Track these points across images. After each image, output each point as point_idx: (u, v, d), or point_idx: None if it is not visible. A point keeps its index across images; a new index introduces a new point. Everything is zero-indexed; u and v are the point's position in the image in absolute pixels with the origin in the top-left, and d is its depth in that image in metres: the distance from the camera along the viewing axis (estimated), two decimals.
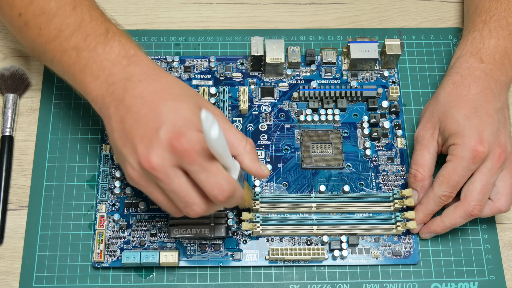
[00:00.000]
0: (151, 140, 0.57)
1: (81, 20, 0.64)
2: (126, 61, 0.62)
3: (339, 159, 0.75)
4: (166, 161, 0.57)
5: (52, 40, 0.64)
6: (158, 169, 0.57)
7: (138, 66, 0.62)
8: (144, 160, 0.57)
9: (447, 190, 0.68)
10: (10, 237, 0.72)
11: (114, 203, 0.73)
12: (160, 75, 0.61)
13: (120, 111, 0.59)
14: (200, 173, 0.56)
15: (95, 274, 0.70)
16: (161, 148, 0.56)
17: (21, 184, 0.74)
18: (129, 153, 0.58)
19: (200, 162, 0.56)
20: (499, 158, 0.67)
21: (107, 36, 0.63)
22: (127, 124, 0.58)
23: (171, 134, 0.56)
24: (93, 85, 0.62)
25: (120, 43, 0.63)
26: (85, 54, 0.63)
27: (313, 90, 0.77)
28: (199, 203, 0.59)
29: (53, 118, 0.77)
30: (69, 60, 0.63)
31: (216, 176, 0.57)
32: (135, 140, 0.58)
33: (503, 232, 0.74)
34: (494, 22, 0.73)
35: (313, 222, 0.71)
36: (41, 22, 0.65)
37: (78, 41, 0.63)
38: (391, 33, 0.84)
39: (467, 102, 0.69)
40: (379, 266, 0.71)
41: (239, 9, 0.85)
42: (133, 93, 0.59)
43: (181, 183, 0.58)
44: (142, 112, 0.58)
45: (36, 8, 0.65)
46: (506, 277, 0.71)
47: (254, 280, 0.70)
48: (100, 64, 0.62)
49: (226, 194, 0.57)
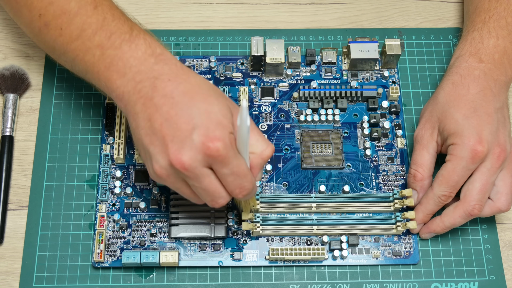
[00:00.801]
0: (183, 141, 0.58)
1: (103, 19, 0.64)
2: (153, 59, 0.62)
3: (339, 159, 0.75)
4: (197, 162, 0.58)
5: (75, 39, 0.64)
6: (190, 169, 0.58)
7: (166, 65, 0.62)
8: (176, 161, 0.58)
9: (446, 190, 0.68)
10: (10, 237, 0.72)
11: (114, 203, 0.73)
12: (189, 75, 0.62)
13: (149, 109, 0.60)
14: (228, 175, 0.59)
15: (95, 274, 0.70)
16: (194, 150, 0.58)
17: (21, 184, 0.74)
18: (158, 152, 0.59)
19: (231, 166, 0.59)
20: (499, 158, 0.67)
21: (132, 34, 0.63)
22: (156, 123, 0.59)
23: (204, 137, 0.57)
24: (119, 82, 0.62)
25: (145, 41, 0.63)
26: (110, 52, 0.63)
27: (313, 90, 0.77)
28: (225, 196, 0.61)
29: (53, 118, 0.77)
30: (93, 59, 0.63)
31: (242, 178, 0.60)
32: (165, 139, 0.58)
33: (503, 232, 0.74)
34: (494, 22, 0.73)
35: (313, 222, 0.71)
36: (62, 22, 0.65)
37: (102, 40, 0.63)
38: (391, 33, 0.84)
39: (466, 102, 0.69)
40: (379, 266, 0.71)
41: (239, 9, 0.86)
42: (163, 92, 0.60)
43: (211, 181, 0.60)
44: (173, 112, 0.59)
45: (56, 9, 0.65)
46: (506, 277, 0.71)
47: (254, 280, 0.70)
48: (127, 61, 0.62)
49: (245, 193, 0.61)
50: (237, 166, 0.59)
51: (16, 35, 0.82)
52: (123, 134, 0.74)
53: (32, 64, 0.81)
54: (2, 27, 0.83)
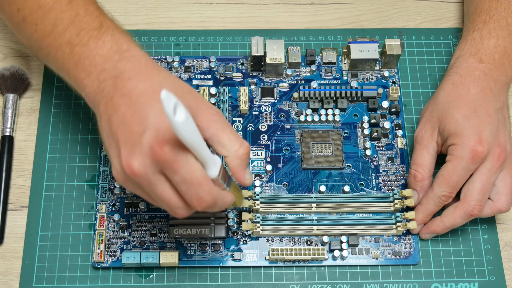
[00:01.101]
0: (133, 145, 0.54)
1: (75, 14, 0.62)
2: (117, 56, 0.59)
3: (339, 159, 0.75)
4: (148, 168, 0.54)
5: (47, 35, 0.63)
6: (140, 175, 0.54)
7: (129, 62, 0.59)
8: (126, 166, 0.54)
9: (446, 190, 0.68)
10: (10, 237, 0.72)
11: (114, 203, 0.73)
12: (151, 72, 0.58)
13: (109, 110, 0.57)
14: (181, 184, 0.54)
15: (95, 274, 0.70)
16: (143, 155, 0.53)
17: (21, 184, 0.74)
18: (114, 155, 0.56)
19: (182, 173, 0.54)
20: (499, 158, 0.67)
21: (100, 30, 0.61)
22: (113, 125, 0.56)
23: (153, 140, 0.53)
24: (86, 81, 0.60)
25: (113, 37, 0.60)
26: (78, 49, 0.61)
27: (313, 90, 0.77)
28: (183, 207, 0.57)
29: (53, 118, 0.77)
30: (63, 56, 0.62)
31: (196, 188, 0.55)
32: (119, 142, 0.55)
33: (503, 232, 0.74)
34: (494, 22, 0.73)
35: (313, 222, 0.71)
36: (37, 18, 0.63)
37: (72, 36, 0.61)
38: (391, 33, 0.84)
39: (466, 102, 0.69)
40: (379, 266, 0.71)
41: (239, 9, 0.86)
42: (122, 91, 0.56)
43: (164, 190, 0.55)
44: (128, 114, 0.55)
45: (33, 4, 0.64)
46: (506, 277, 0.71)
47: (254, 280, 0.70)
48: (92, 59, 0.60)
49: (205, 205, 0.56)
50: (188, 173, 0.54)
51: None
52: None
53: (32, 64, 0.80)
54: (2, 27, 0.83)
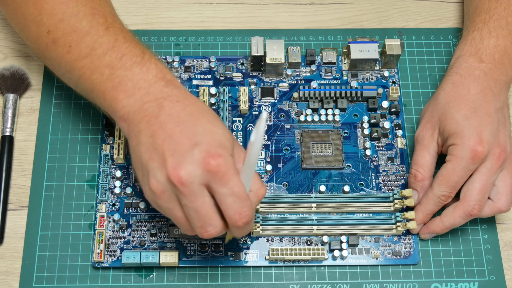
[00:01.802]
0: (183, 155, 0.57)
1: (115, 40, 0.64)
2: (163, 82, 0.62)
3: (339, 159, 0.75)
4: (195, 177, 0.57)
5: (83, 58, 0.64)
6: (186, 184, 0.56)
7: (176, 89, 0.62)
8: (173, 174, 0.56)
9: (446, 190, 0.68)
10: (10, 237, 0.72)
11: (114, 203, 0.73)
12: (196, 100, 0.61)
13: (152, 126, 0.59)
14: (227, 196, 0.57)
15: (95, 274, 0.70)
16: (194, 165, 0.56)
17: (21, 184, 0.74)
18: (156, 166, 0.58)
19: (231, 186, 0.57)
20: (499, 158, 0.67)
21: (144, 58, 0.63)
22: (158, 139, 0.58)
23: (206, 153, 0.56)
24: (126, 102, 0.62)
25: (157, 66, 0.63)
26: (120, 72, 0.62)
27: (313, 90, 0.77)
28: (216, 225, 0.59)
29: (53, 118, 0.77)
30: (101, 78, 0.63)
31: (242, 202, 0.58)
32: (165, 153, 0.57)
33: (503, 232, 0.74)
34: (494, 21, 0.73)
35: (313, 222, 0.71)
36: (72, 40, 0.64)
37: (113, 60, 0.63)
38: (391, 33, 0.84)
39: (467, 102, 0.69)
40: (379, 266, 0.71)
41: (239, 9, 0.86)
42: (169, 111, 0.59)
43: (204, 202, 0.58)
44: (177, 129, 0.58)
45: (66, 27, 0.65)
46: (506, 277, 0.71)
47: (254, 280, 0.70)
48: (136, 83, 0.62)
49: (245, 220, 0.58)
50: (237, 186, 0.57)
51: (16, 35, 0.82)
52: (123, 134, 0.74)
53: (32, 64, 0.81)
54: (2, 27, 0.83)
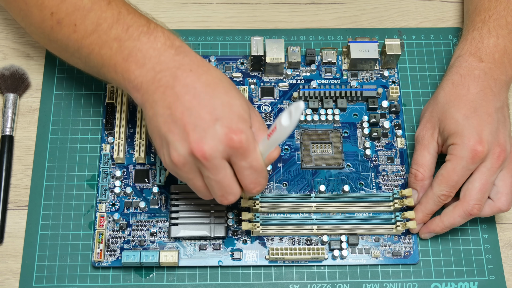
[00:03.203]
0: (205, 130, 0.58)
1: (118, 13, 0.64)
2: (173, 50, 0.62)
3: (339, 159, 0.75)
4: (218, 152, 0.58)
5: (90, 34, 0.64)
6: (209, 159, 0.58)
7: (187, 56, 0.62)
8: (197, 149, 0.58)
9: (446, 190, 0.68)
10: (10, 236, 0.72)
11: (114, 203, 0.73)
12: (209, 67, 0.62)
13: (169, 98, 0.60)
14: (246, 169, 0.60)
15: (95, 274, 0.70)
16: (216, 140, 0.58)
17: (21, 184, 0.74)
18: (177, 139, 0.59)
19: (250, 160, 0.59)
20: (498, 158, 0.67)
21: (150, 27, 0.64)
22: (177, 111, 0.59)
23: (228, 129, 0.58)
24: (138, 72, 0.62)
25: (164, 34, 0.63)
26: (128, 44, 0.63)
27: (313, 90, 0.77)
28: (236, 193, 0.62)
29: (53, 118, 0.77)
30: (110, 51, 0.64)
31: (259, 173, 0.61)
32: (187, 127, 0.59)
33: (503, 232, 0.74)
34: (494, 21, 0.73)
35: (313, 222, 0.71)
36: (76, 19, 0.65)
37: (119, 32, 0.63)
38: (391, 33, 0.84)
39: (466, 101, 0.69)
40: (379, 266, 0.71)
41: (239, 9, 0.86)
42: (184, 81, 0.60)
43: (226, 174, 0.60)
44: (195, 102, 0.59)
45: (69, 6, 0.65)
46: (506, 277, 0.71)
47: (254, 280, 0.70)
48: (146, 52, 0.62)
49: (259, 189, 0.62)
50: (256, 160, 0.60)
51: (16, 35, 0.82)
52: (123, 134, 0.74)
53: (32, 64, 0.81)
54: (2, 27, 0.83)
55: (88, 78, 0.78)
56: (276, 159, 0.63)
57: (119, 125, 0.75)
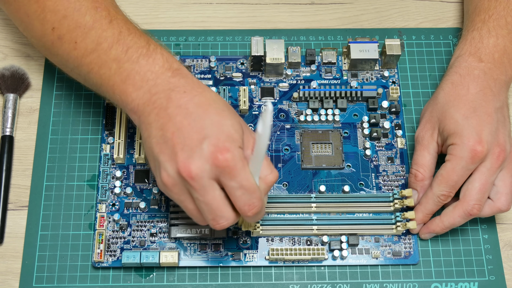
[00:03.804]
0: (192, 150, 0.58)
1: (119, 33, 0.64)
2: (170, 73, 0.62)
3: (339, 159, 0.75)
4: (205, 172, 0.57)
5: (90, 53, 0.64)
6: (196, 179, 0.57)
7: (183, 79, 0.62)
8: (184, 168, 0.57)
9: (445, 190, 0.68)
10: (10, 237, 0.72)
11: (114, 203, 0.73)
12: (204, 89, 0.62)
13: (162, 119, 0.60)
14: (236, 189, 0.58)
15: (95, 274, 0.70)
16: (203, 160, 0.57)
17: (21, 184, 0.74)
18: (167, 160, 0.59)
19: (239, 179, 0.58)
20: (498, 158, 0.67)
21: (149, 49, 0.63)
22: (168, 132, 0.59)
23: (214, 148, 0.57)
24: (135, 95, 0.62)
25: (163, 56, 0.63)
26: (127, 66, 0.63)
27: (313, 90, 0.77)
28: (227, 217, 0.60)
29: (53, 118, 0.77)
30: (109, 72, 0.63)
31: (251, 194, 0.59)
32: (175, 147, 0.58)
33: (503, 232, 0.74)
34: (493, 21, 0.73)
35: (313, 222, 0.71)
36: (77, 36, 0.65)
37: (119, 53, 0.63)
38: (391, 33, 0.84)
39: (466, 101, 0.69)
40: (379, 266, 0.71)
41: (239, 9, 0.86)
42: (177, 103, 0.60)
43: (215, 196, 0.59)
44: (185, 122, 0.59)
45: (70, 23, 0.65)
46: (506, 277, 0.71)
47: (254, 280, 0.70)
48: (144, 75, 0.62)
49: (255, 211, 0.60)
50: (246, 180, 0.58)
51: (16, 35, 0.82)
52: (123, 134, 0.74)
53: (32, 64, 0.81)
54: (2, 27, 0.83)
55: None
56: (274, 182, 0.61)
57: (119, 126, 0.75)
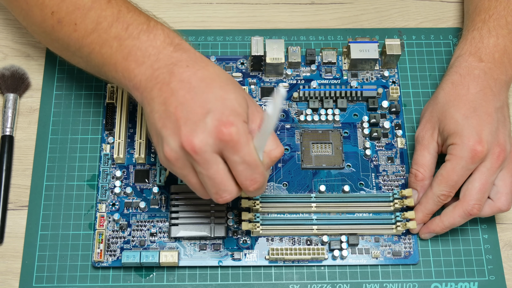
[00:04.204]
0: (196, 123, 0.58)
1: (118, 11, 0.64)
2: (172, 47, 0.62)
3: (339, 159, 0.75)
4: (208, 146, 0.57)
5: (90, 33, 0.65)
6: (199, 152, 0.57)
7: (185, 53, 0.62)
8: (187, 142, 0.57)
9: (445, 190, 0.68)
10: (10, 237, 0.72)
11: (114, 203, 0.73)
12: (207, 63, 0.62)
13: (164, 93, 0.60)
14: (239, 164, 0.58)
15: (95, 274, 0.70)
16: (206, 133, 0.57)
17: (21, 184, 0.74)
18: (170, 134, 0.59)
19: (243, 154, 0.58)
20: (498, 158, 0.67)
21: (149, 25, 0.64)
22: (171, 106, 0.59)
23: (218, 122, 0.57)
24: (137, 71, 0.62)
25: (163, 32, 0.63)
26: (128, 42, 0.63)
27: (313, 90, 0.77)
28: (230, 190, 0.60)
29: (53, 118, 0.77)
30: (110, 50, 0.64)
31: (253, 169, 0.59)
32: (179, 121, 0.58)
33: (503, 232, 0.74)
34: (494, 21, 0.73)
35: (313, 222, 0.71)
36: (76, 17, 0.65)
37: (119, 31, 0.63)
38: (391, 33, 0.84)
39: (466, 101, 0.69)
40: (379, 266, 0.71)
41: (239, 9, 0.86)
42: (180, 77, 0.60)
43: (218, 170, 0.59)
44: (188, 96, 0.59)
45: (69, 5, 0.65)
46: (506, 277, 0.71)
47: (254, 280, 0.70)
48: (145, 50, 0.62)
49: (256, 186, 0.60)
50: (248, 155, 0.58)
51: (16, 35, 0.82)
52: (123, 134, 0.74)
53: (32, 64, 0.81)
54: (2, 27, 0.83)
55: (88, 78, 0.78)
56: (279, 158, 0.62)
57: (119, 125, 0.75)
